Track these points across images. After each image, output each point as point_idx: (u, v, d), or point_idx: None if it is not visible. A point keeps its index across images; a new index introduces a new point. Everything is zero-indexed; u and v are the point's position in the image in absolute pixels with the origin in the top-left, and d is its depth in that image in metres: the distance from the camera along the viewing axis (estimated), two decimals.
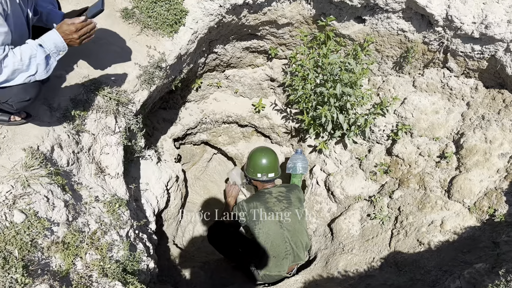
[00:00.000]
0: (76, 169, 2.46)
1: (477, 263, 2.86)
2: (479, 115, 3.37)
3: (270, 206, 3.53)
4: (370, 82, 4.08)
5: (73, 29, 1.94)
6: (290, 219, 3.54)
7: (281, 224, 3.49)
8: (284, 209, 3.54)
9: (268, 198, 3.59)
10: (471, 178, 3.19)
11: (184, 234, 4.87)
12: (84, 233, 2.15)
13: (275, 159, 3.84)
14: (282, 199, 3.61)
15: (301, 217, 3.62)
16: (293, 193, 3.70)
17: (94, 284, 2.00)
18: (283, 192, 3.68)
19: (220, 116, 4.85)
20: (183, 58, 3.43)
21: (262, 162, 3.76)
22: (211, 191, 5.62)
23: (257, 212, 3.47)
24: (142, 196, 3.41)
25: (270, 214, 3.48)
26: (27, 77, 1.92)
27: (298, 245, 3.57)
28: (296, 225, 3.56)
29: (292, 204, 3.61)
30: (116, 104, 2.79)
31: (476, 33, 3.12)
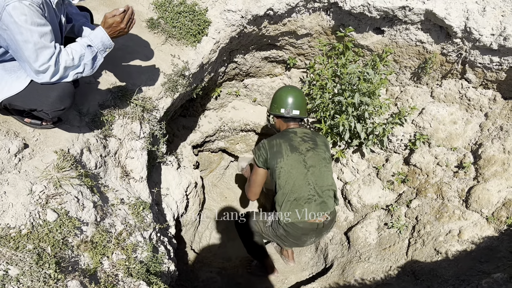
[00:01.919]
0: (103, 172, 2.56)
1: (495, 273, 2.86)
2: (497, 126, 3.38)
3: (295, 144, 3.14)
4: (388, 92, 4.11)
5: (119, 19, 2.06)
6: (316, 161, 3.16)
7: (305, 164, 3.12)
8: (310, 149, 3.16)
9: (292, 137, 3.19)
10: (489, 188, 3.19)
11: (201, 240, 4.94)
12: (111, 233, 2.24)
13: (301, 96, 3.36)
14: (307, 139, 3.21)
15: (328, 162, 3.24)
16: (320, 137, 3.31)
17: (120, 283, 2.08)
18: (309, 134, 3.27)
19: (238, 124, 4.93)
20: (205, 67, 3.53)
21: (287, 97, 3.29)
22: (227, 198, 5.70)
23: (280, 148, 3.10)
24: (163, 200, 3.49)
25: (294, 152, 3.11)
26: (75, 74, 2.05)
27: (323, 190, 3.18)
28: (322, 169, 3.18)
29: (318, 146, 3.22)
30: (141, 110, 2.90)
31: (494, 44, 3.15)
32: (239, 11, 3.40)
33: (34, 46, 1.86)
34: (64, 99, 2.09)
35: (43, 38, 1.87)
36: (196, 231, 4.86)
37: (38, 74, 1.97)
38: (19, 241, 1.79)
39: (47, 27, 1.89)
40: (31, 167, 2.13)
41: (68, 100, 2.12)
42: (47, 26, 1.90)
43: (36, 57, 1.89)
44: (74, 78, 2.06)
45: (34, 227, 1.88)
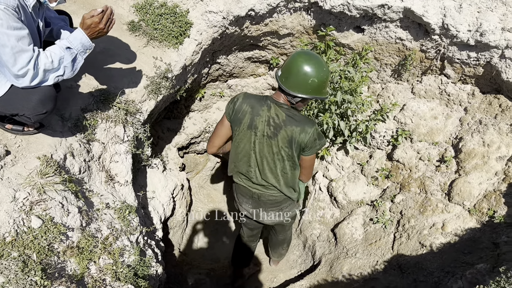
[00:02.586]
0: (87, 177, 2.54)
1: (478, 264, 2.93)
2: (476, 120, 3.46)
3: (256, 122, 2.59)
4: (370, 90, 4.17)
5: (97, 20, 2.03)
6: (265, 151, 2.68)
7: (254, 149, 2.69)
8: (265, 136, 2.61)
9: (261, 112, 2.57)
10: (470, 181, 3.26)
11: (189, 242, 4.93)
12: (97, 238, 2.22)
13: (298, 64, 2.40)
14: (272, 124, 2.57)
15: (280, 159, 2.68)
16: (290, 130, 2.53)
17: (108, 287, 2.07)
18: (280, 119, 2.54)
19: None
20: (188, 68, 3.53)
21: (292, 58, 2.44)
22: (214, 199, 5.69)
23: (243, 116, 2.60)
24: (149, 204, 3.48)
25: (250, 129, 2.62)
26: (56, 77, 2.03)
27: (263, 184, 2.85)
28: (269, 163, 2.72)
29: (276, 137, 2.58)
30: (124, 113, 2.88)
31: (471, 40, 3.22)
32: (221, 12, 3.41)
33: (12, 50, 1.84)
34: (45, 102, 2.07)
35: (20, 42, 1.85)
36: (184, 233, 4.84)
37: (17, 78, 1.95)
38: (3, 248, 1.77)
39: (24, 31, 1.87)
40: (14, 174, 2.11)
41: (50, 104, 2.10)
42: (24, 30, 1.87)
43: (14, 61, 1.87)
44: (55, 81, 2.04)
45: (18, 234, 1.86)
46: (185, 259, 4.35)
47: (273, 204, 3.05)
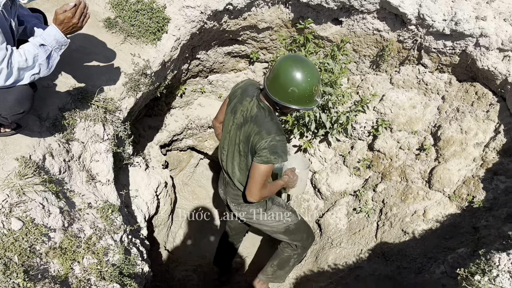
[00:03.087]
0: (68, 177, 2.51)
1: (459, 248, 3.01)
2: (454, 108, 3.53)
3: (236, 109, 2.59)
4: (350, 81, 4.21)
5: (70, 15, 1.97)
6: (232, 139, 2.66)
7: (229, 134, 2.68)
8: (236, 125, 2.60)
9: (245, 100, 2.54)
10: (449, 168, 3.33)
11: (175, 240, 4.91)
12: (80, 238, 2.20)
13: (281, 69, 2.25)
14: (244, 117, 2.52)
15: (237, 152, 2.63)
16: (251, 127, 2.44)
17: (93, 287, 2.05)
18: (250, 115, 2.48)
19: (205, 121, 4.92)
20: (167, 64, 3.50)
21: (280, 60, 2.32)
22: (199, 196, 5.68)
23: (232, 100, 2.64)
24: (132, 202, 3.45)
25: (230, 114, 2.63)
26: (32, 75, 1.98)
27: (228, 171, 2.81)
28: (234, 152, 2.67)
29: (240, 130, 2.55)
30: (103, 112, 2.85)
31: (447, 29, 3.28)
32: (198, 6, 3.38)
33: None
34: (22, 102, 2.03)
35: None
36: (170, 231, 4.83)
37: None
38: None
39: None
40: None
41: (27, 103, 2.06)
42: None
43: None
44: (31, 79, 2.00)
45: None
46: (171, 257, 4.34)
47: (234, 196, 2.90)
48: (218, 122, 2.90)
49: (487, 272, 1.99)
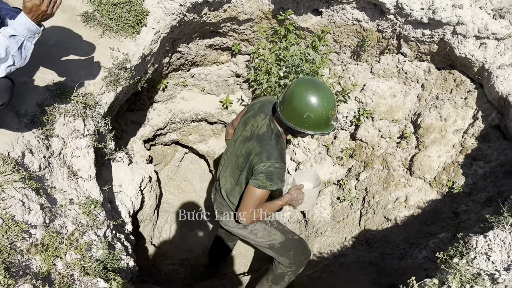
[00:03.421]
0: (48, 174, 2.48)
1: (440, 233, 3.07)
2: (433, 96, 3.59)
3: (248, 122, 2.55)
4: (331, 72, 4.24)
5: (37, 2, 1.91)
6: (231, 156, 2.66)
7: (235, 140, 2.64)
8: (241, 140, 2.56)
9: (259, 116, 2.51)
10: (429, 154, 3.39)
11: (161, 234, 4.90)
12: (62, 234, 2.18)
13: (295, 94, 2.19)
14: (250, 135, 2.48)
15: (236, 172, 2.59)
16: (252, 146, 2.42)
17: (76, 282, 2.04)
18: (257, 131, 2.45)
19: (189, 114, 4.90)
20: (147, 58, 3.47)
21: (289, 85, 2.29)
22: (185, 190, 5.67)
23: (249, 109, 2.61)
24: (116, 198, 3.44)
25: (242, 125, 2.60)
26: (7, 67, 1.94)
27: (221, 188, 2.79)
28: (231, 170, 2.66)
29: (243, 148, 2.51)
30: (83, 107, 2.82)
31: (425, 18, 3.32)
32: None
33: None
34: (1, 94, 2.00)
35: None
36: (155, 226, 4.82)
37: None
38: None
39: None
40: None
41: (6, 95, 2.03)
42: None
43: None
44: (8, 72, 1.96)
45: None
46: (157, 251, 4.34)
47: (218, 204, 2.89)
48: (233, 128, 2.84)
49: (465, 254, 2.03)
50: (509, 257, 1.91)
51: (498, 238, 2.02)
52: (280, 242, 2.88)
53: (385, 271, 3.08)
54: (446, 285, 1.77)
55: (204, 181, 5.75)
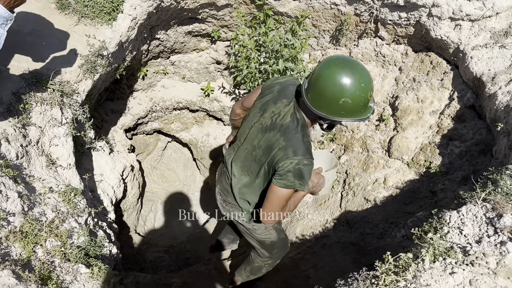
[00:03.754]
0: (26, 162, 2.46)
1: (418, 212, 3.15)
2: (410, 78, 3.64)
3: (267, 107, 2.18)
4: (311, 57, 4.26)
5: None
6: (246, 149, 2.31)
7: (250, 127, 2.28)
8: (258, 130, 2.21)
9: (280, 102, 2.15)
10: (407, 136, 3.46)
11: (145, 223, 4.91)
12: (42, 222, 2.18)
13: (326, 77, 1.85)
14: (270, 124, 2.14)
15: (254, 167, 2.26)
16: (275, 138, 2.08)
17: (57, 268, 2.05)
18: (280, 121, 2.10)
19: (170, 102, 4.88)
20: (124, 45, 3.44)
21: (316, 67, 1.95)
22: (169, 179, 5.67)
23: (267, 93, 2.23)
24: (97, 187, 3.43)
25: (259, 110, 2.23)
26: None
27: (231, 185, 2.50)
28: (245, 164, 2.34)
29: (262, 140, 2.17)
30: (60, 95, 2.79)
31: (401, 1, 3.35)
32: None
33: None
34: None
35: None
36: (140, 215, 4.82)
37: None
38: None
39: None
40: None
41: None
42: None
43: None
44: None
45: None
46: (142, 240, 4.35)
47: (223, 190, 2.63)
48: (241, 108, 2.48)
49: (439, 229, 2.09)
50: (481, 230, 1.97)
51: (471, 212, 2.09)
52: (271, 240, 2.75)
53: (365, 250, 3.15)
54: (420, 259, 1.83)
55: (188, 169, 5.75)
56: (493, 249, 1.79)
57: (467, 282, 1.65)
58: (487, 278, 1.66)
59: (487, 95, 2.99)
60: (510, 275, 1.68)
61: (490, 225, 1.94)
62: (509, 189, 2.15)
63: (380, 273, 1.77)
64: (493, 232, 1.89)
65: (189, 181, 5.70)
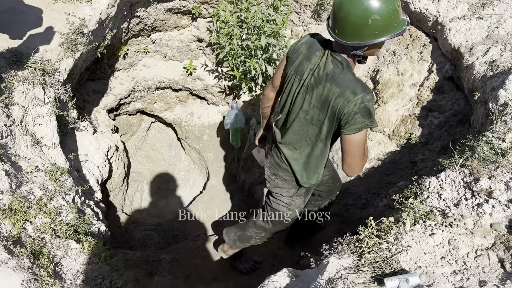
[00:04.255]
0: (11, 142, 2.45)
1: (399, 182, 3.25)
2: (391, 52, 3.70)
3: (304, 68, 2.04)
4: (293, 33, 4.27)
5: None
6: (294, 110, 2.12)
7: (292, 99, 2.12)
8: (303, 88, 2.05)
9: (314, 56, 2.01)
10: (388, 109, 3.53)
11: (132, 203, 4.93)
12: (30, 199, 2.19)
13: (346, 4, 1.76)
14: (317, 79, 1.98)
15: (312, 127, 2.09)
16: (327, 88, 1.93)
17: (48, 244, 2.07)
18: (324, 72, 1.94)
19: (153, 82, 4.85)
20: (104, 23, 3.39)
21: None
22: (154, 159, 5.67)
23: (295, 59, 2.08)
24: (83, 167, 3.42)
25: (296, 75, 2.08)
26: None
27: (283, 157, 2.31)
28: (294, 128, 2.16)
29: (312, 95, 2.01)
30: (42, 74, 2.76)
31: None
32: None
33: None
34: None
35: None
36: (126, 195, 4.83)
37: None
38: None
39: None
40: None
41: None
42: None
43: None
44: None
45: None
46: (129, 219, 4.38)
47: (274, 164, 2.43)
48: (273, 89, 2.35)
49: (419, 195, 2.18)
50: (458, 194, 2.06)
51: (449, 178, 2.17)
52: (281, 219, 2.64)
53: (348, 221, 3.25)
54: (401, 222, 1.91)
55: (172, 149, 5.76)
56: (471, 211, 1.88)
57: (446, 242, 1.73)
58: (465, 237, 1.75)
59: (465, 66, 3.07)
60: (486, 234, 1.77)
61: (467, 189, 2.03)
62: (485, 154, 2.25)
63: (363, 236, 1.85)
64: (471, 195, 1.98)
65: (174, 161, 5.72)
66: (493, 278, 1.57)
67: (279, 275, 1.97)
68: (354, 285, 1.65)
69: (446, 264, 1.66)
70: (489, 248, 1.71)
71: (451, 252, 1.70)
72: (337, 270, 1.74)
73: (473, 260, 1.66)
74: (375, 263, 1.71)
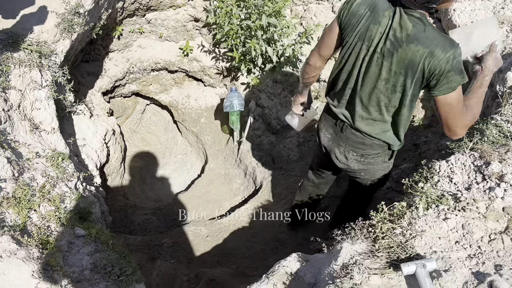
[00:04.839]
0: (10, 127, 2.37)
1: (402, 164, 3.24)
2: None
3: (372, 33, 1.85)
4: (293, 12, 4.18)
5: None
6: (370, 76, 1.95)
7: (359, 69, 1.97)
8: (378, 55, 1.87)
9: (382, 18, 1.80)
10: None
11: (129, 187, 4.88)
12: (33, 187, 2.13)
13: None
14: (392, 42, 1.80)
15: (391, 93, 1.95)
16: (411, 51, 1.75)
17: (54, 233, 2.03)
18: (404, 33, 1.75)
19: (148, 63, 4.74)
20: (100, 2, 3.27)
21: None
22: (150, 143, 5.60)
23: (357, 23, 1.86)
24: (81, 151, 3.36)
25: (361, 42, 1.89)
26: None
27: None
28: (372, 95, 2.01)
29: (392, 59, 1.83)
30: (38, 56, 2.66)
31: None
32: None
33: None
34: None
35: None
36: (123, 179, 4.78)
37: None
38: None
39: None
40: None
41: None
42: None
43: None
44: None
45: None
46: (128, 203, 4.34)
47: (355, 144, 2.28)
48: (321, 58, 2.19)
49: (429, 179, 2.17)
50: (469, 178, 2.04)
51: (459, 161, 2.16)
52: (381, 175, 2.55)
53: None
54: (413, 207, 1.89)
55: (168, 132, 5.69)
56: (482, 194, 1.87)
57: (460, 227, 1.72)
58: (478, 222, 1.74)
59: None
60: (499, 218, 1.77)
61: (478, 173, 2.02)
62: (495, 138, 2.23)
63: (376, 221, 1.83)
64: (482, 179, 1.97)
65: (170, 144, 5.65)
66: (508, 262, 1.57)
67: (289, 260, 1.96)
68: (370, 270, 1.63)
69: (461, 248, 1.66)
70: (502, 232, 1.71)
71: (465, 237, 1.70)
72: (351, 256, 1.73)
73: (487, 244, 1.66)
74: (390, 248, 1.70)
